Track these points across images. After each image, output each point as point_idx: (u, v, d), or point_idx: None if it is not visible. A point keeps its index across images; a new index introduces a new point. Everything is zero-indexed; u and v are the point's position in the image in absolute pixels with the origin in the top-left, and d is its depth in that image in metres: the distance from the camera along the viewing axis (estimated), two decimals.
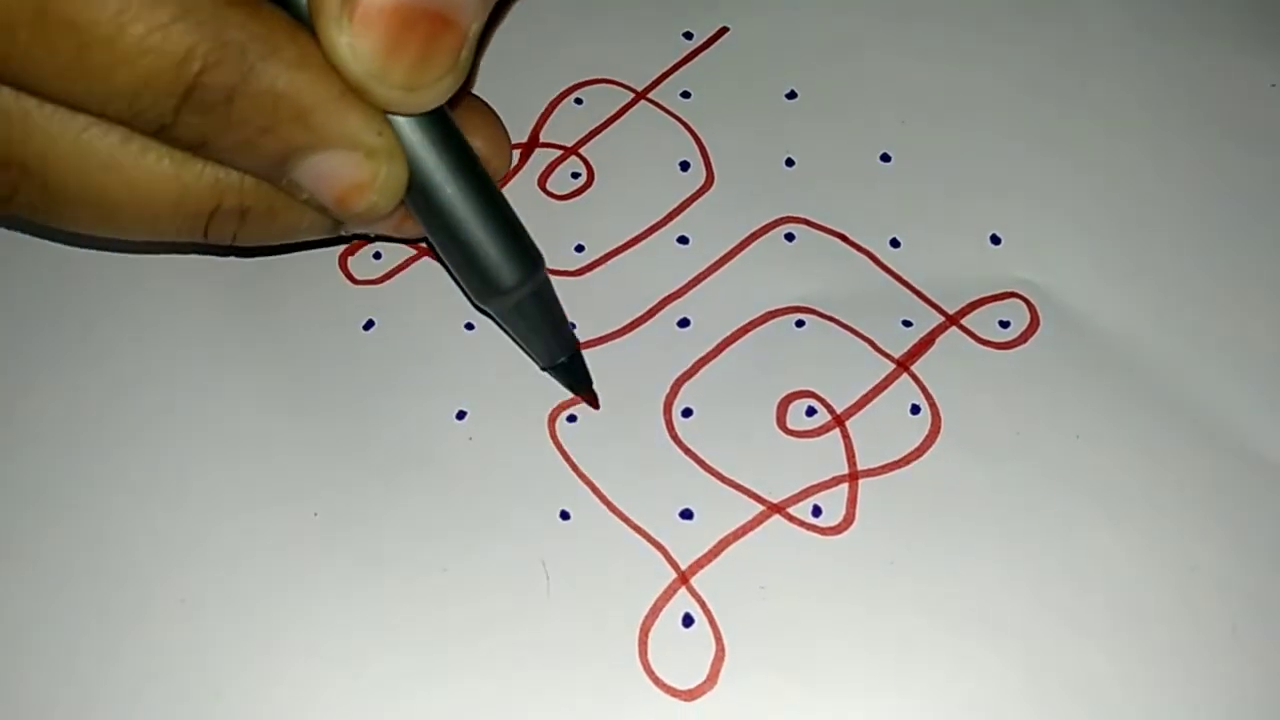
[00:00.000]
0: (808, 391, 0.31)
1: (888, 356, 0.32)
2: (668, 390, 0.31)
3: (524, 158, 0.35)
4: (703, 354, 0.32)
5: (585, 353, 0.31)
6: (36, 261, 0.34)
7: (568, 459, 0.30)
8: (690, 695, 0.28)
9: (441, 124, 0.27)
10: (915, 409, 0.31)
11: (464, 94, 0.32)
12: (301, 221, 0.28)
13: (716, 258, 0.33)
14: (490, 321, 0.32)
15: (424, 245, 0.34)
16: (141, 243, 0.32)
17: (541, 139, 0.35)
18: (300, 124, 0.24)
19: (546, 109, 0.36)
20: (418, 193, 0.27)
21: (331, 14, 0.24)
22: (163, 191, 0.26)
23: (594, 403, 0.31)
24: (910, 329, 0.32)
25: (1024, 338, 0.32)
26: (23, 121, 0.25)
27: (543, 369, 0.31)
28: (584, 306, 0.32)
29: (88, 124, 0.25)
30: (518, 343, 0.31)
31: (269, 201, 0.27)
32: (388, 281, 0.33)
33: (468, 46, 0.25)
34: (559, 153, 0.35)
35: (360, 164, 0.25)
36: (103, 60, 0.23)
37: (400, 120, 0.26)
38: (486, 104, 0.33)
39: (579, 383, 0.31)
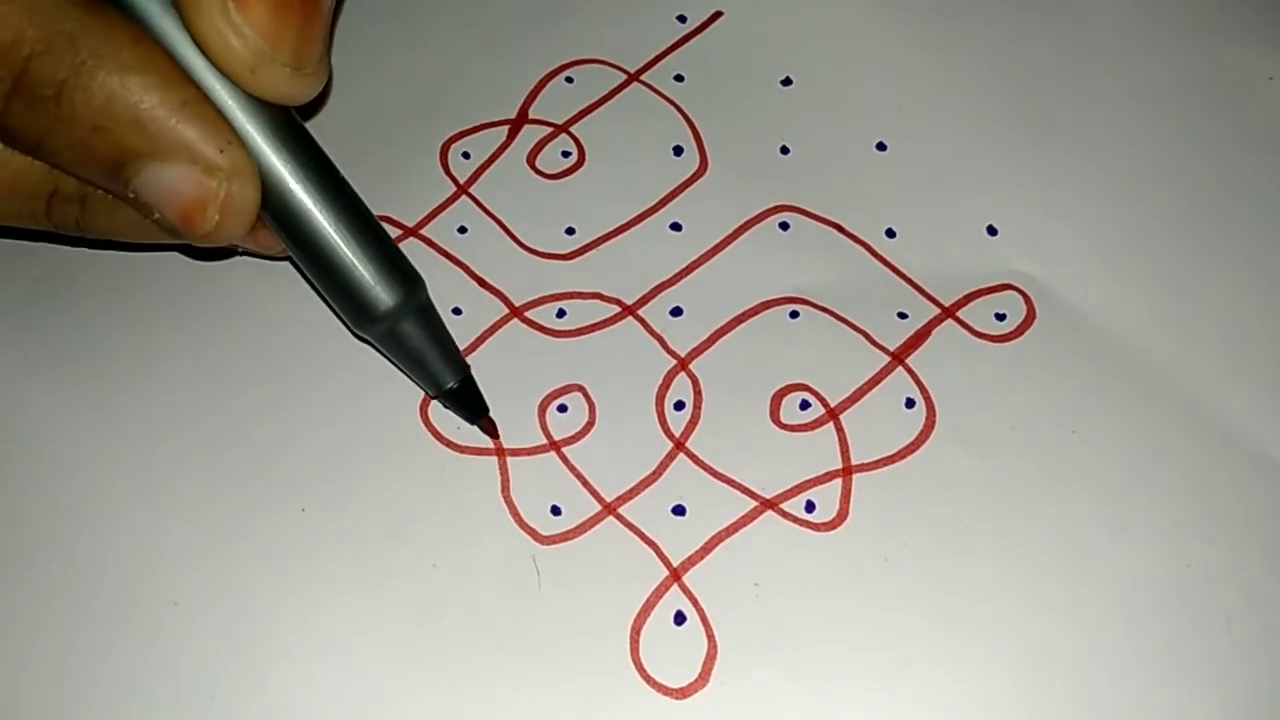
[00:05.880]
0: (802, 385, 0.31)
1: (883, 349, 0.31)
2: (660, 382, 0.31)
3: (513, 133, 0.34)
4: (695, 345, 0.31)
5: (578, 340, 0.31)
6: (24, 262, 0.33)
7: (559, 452, 0.30)
8: (682, 694, 0.27)
9: (299, 138, 0.26)
10: (910, 403, 0.31)
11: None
12: (146, 221, 0.27)
13: (710, 246, 0.33)
14: (478, 312, 0.32)
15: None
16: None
17: (531, 115, 0.35)
18: (135, 128, 0.24)
19: (537, 85, 0.35)
20: (277, 213, 0.26)
21: (214, 3, 0.24)
22: None
23: (493, 432, 0.30)
24: (905, 321, 0.32)
25: (1020, 330, 0.31)
26: None
27: (432, 398, 0.30)
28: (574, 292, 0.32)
29: None
30: (402, 369, 0.29)
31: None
32: None
33: (325, 22, 0.25)
34: (549, 130, 0.34)
35: (200, 180, 0.24)
36: None
37: (253, 135, 0.25)
38: None
39: (473, 410, 0.29)
